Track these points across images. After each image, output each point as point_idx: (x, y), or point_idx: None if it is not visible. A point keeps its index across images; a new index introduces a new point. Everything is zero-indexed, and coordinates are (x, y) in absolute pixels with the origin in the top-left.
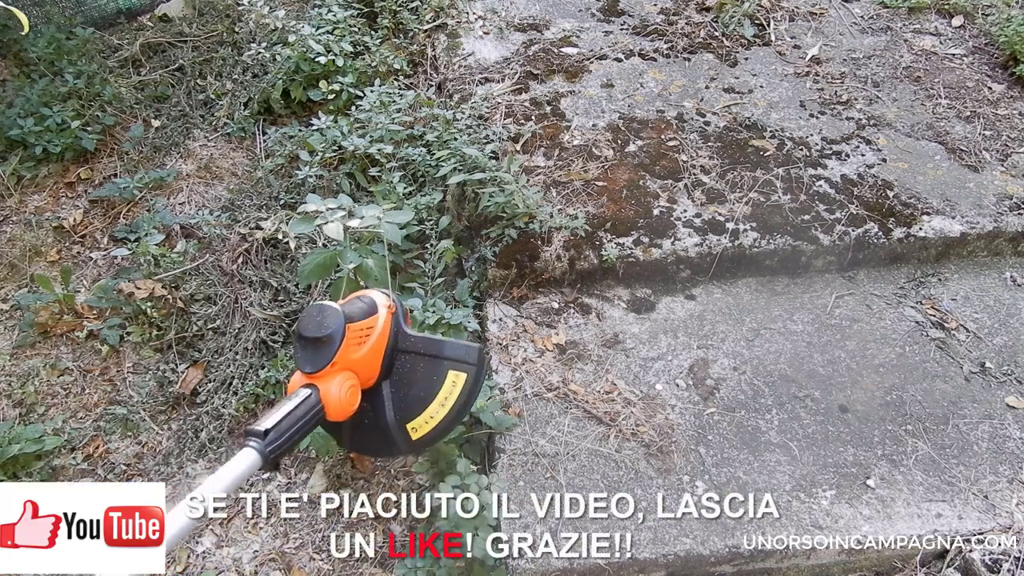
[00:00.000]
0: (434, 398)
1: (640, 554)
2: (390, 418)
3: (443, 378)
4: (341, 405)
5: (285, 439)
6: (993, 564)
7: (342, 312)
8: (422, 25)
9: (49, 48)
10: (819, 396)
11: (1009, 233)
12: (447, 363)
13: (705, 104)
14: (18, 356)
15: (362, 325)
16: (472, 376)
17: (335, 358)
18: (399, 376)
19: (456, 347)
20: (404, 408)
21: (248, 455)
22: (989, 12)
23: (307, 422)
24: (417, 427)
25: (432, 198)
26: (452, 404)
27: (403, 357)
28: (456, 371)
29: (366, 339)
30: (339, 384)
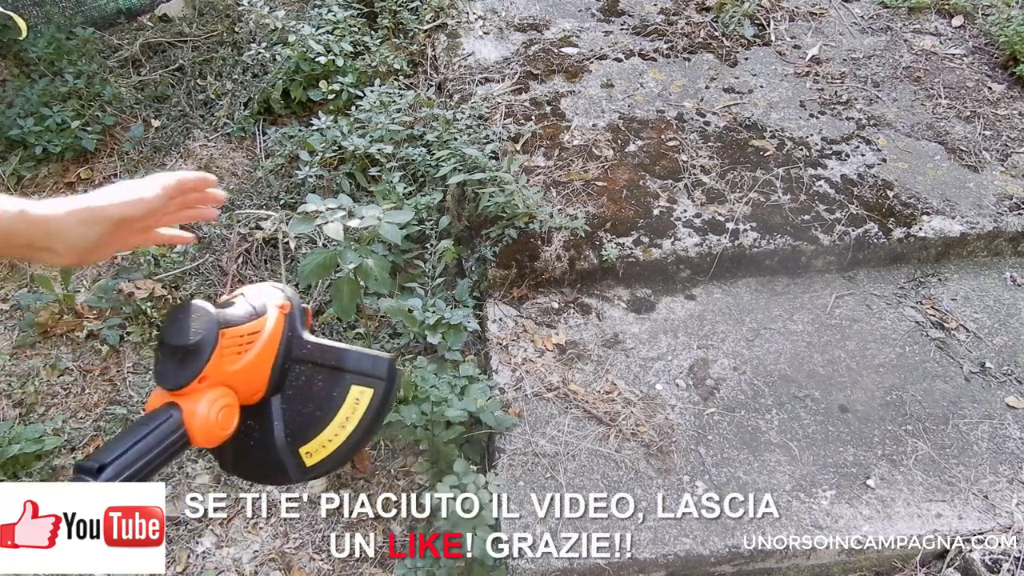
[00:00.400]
0: (333, 418)
1: (640, 554)
2: (279, 440)
3: (344, 394)
4: (210, 429)
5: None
6: (993, 564)
7: (214, 315)
8: (422, 25)
9: (49, 48)
10: (819, 396)
11: (1009, 233)
12: (350, 376)
13: (705, 104)
14: (18, 356)
15: (243, 330)
16: (380, 392)
17: (203, 371)
18: (293, 390)
19: (362, 357)
20: (297, 429)
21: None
22: (989, 12)
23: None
24: (312, 452)
25: (432, 198)
26: (354, 426)
27: (298, 368)
28: (360, 386)
29: (248, 347)
30: (208, 404)
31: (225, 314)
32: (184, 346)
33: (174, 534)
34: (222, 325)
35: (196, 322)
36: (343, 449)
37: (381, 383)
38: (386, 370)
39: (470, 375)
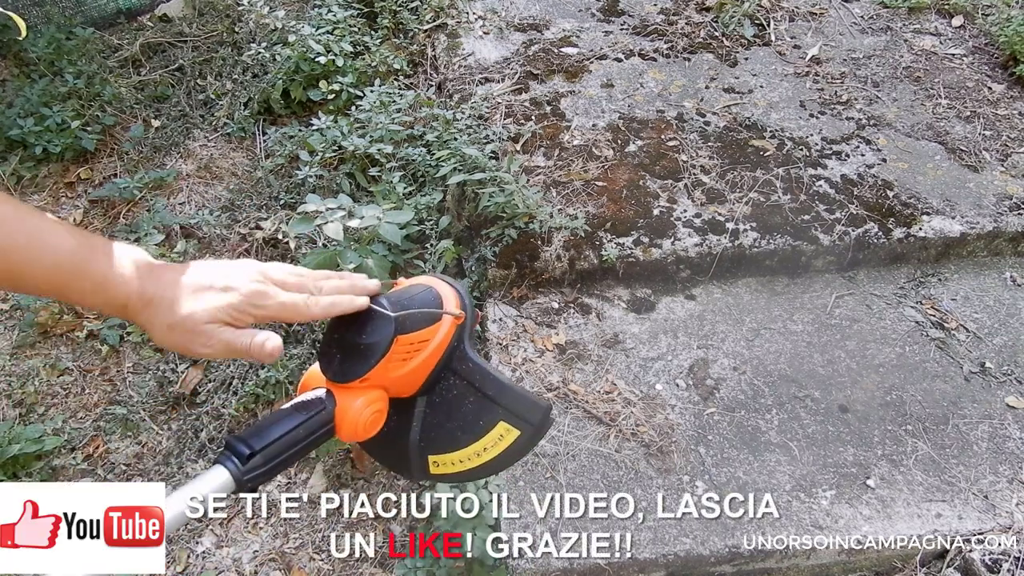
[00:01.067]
0: (472, 443)
1: (640, 554)
2: (412, 440)
3: (491, 426)
4: (356, 430)
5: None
6: (993, 564)
7: (394, 321)
8: (422, 25)
9: (49, 48)
10: (819, 396)
11: (1009, 233)
12: (502, 411)
13: (705, 104)
14: (18, 356)
15: (415, 338)
16: (526, 437)
17: (369, 373)
18: (440, 399)
19: (519, 399)
20: (433, 437)
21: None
22: (989, 12)
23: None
24: (440, 463)
25: (432, 198)
26: (490, 458)
27: (453, 379)
28: (509, 424)
29: (415, 355)
30: (363, 405)
31: (402, 320)
32: (358, 343)
33: (174, 534)
34: (398, 330)
35: (376, 322)
36: (471, 473)
37: (530, 428)
38: (540, 419)
39: None
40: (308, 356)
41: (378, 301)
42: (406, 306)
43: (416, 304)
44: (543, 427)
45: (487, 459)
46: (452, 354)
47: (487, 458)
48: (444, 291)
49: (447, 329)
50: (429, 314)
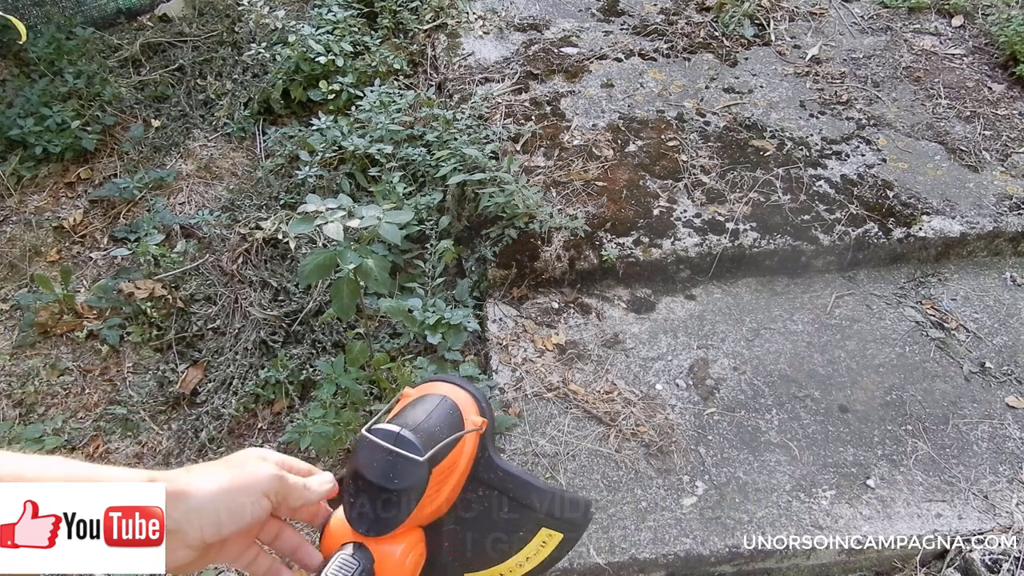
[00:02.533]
0: (513, 555)
1: (640, 554)
2: (444, 560)
3: (531, 535)
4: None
5: None
6: (993, 564)
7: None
8: (422, 25)
9: (49, 48)
10: (819, 396)
11: (1009, 233)
12: (543, 518)
13: (705, 104)
14: (18, 356)
15: (444, 465)
16: (570, 538)
17: (408, 520)
18: (469, 512)
19: (559, 500)
20: (467, 555)
21: None
22: (989, 12)
23: None
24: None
25: (432, 198)
26: (533, 567)
27: (481, 491)
28: (550, 529)
29: (446, 481)
30: (403, 555)
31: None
32: (390, 490)
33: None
34: (433, 463)
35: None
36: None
37: (572, 529)
38: (581, 516)
39: (470, 375)
40: (308, 355)
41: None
42: (430, 432)
43: (437, 425)
44: (585, 524)
45: (529, 568)
46: (478, 466)
47: (529, 567)
48: (460, 399)
49: (472, 443)
50: (450, 428)
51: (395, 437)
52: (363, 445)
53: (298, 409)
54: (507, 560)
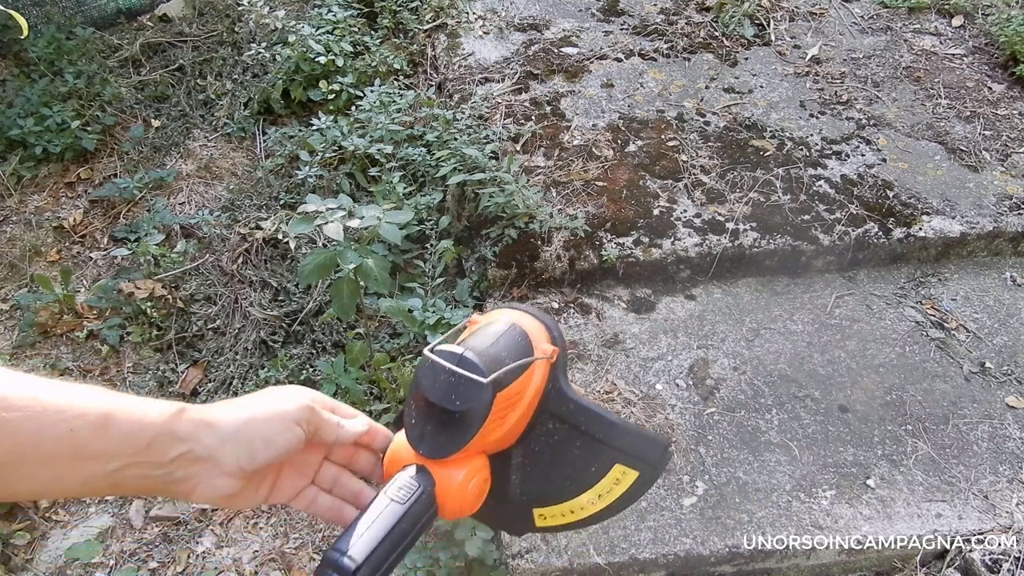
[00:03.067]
0: (586, 490)
1: (640, 554)
2: (512, 495)
3: (605, 470)
4: (463, 506)
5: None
6: (993, 564)
7: (489, 380)
8: (422, 25)
9: (49, 48)
10: (819, 396)
11: (1009, 233)
12: (617, 454)
13: (705, 104)
14: (18, 356)
15: (511, 391)
16: (646, 477)
17: (470, 443)
18: (540, 446)
19: (635, 439)
20: (537, 489)
21: None
22: (989, 12)
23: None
24: (547, 516)
25: (432, 198)
26: (606, 505)
27: (552, 424)
28: (625, 466)
29: (512, 408)
30: (466, 479)
31: (499, 376)
32: (452, 412)
33: (174, 534)
34: (496, 389)
35: (469, 386)
36: (583, 522)
37: (649, 468)
38: (658, 456)
39: None
40: (308, 355)
41: (468, 360)
42: (495, 357)
43: (503, 350)
44: (662, 464)
45: (603, 506)
46: (548, 397)
47: (602, 505)
48: (530, 326)
49: (542, 372)
50: (518, 354)
51: (458, 358)
52: (425, 366)
53: None
54: (579, 496)
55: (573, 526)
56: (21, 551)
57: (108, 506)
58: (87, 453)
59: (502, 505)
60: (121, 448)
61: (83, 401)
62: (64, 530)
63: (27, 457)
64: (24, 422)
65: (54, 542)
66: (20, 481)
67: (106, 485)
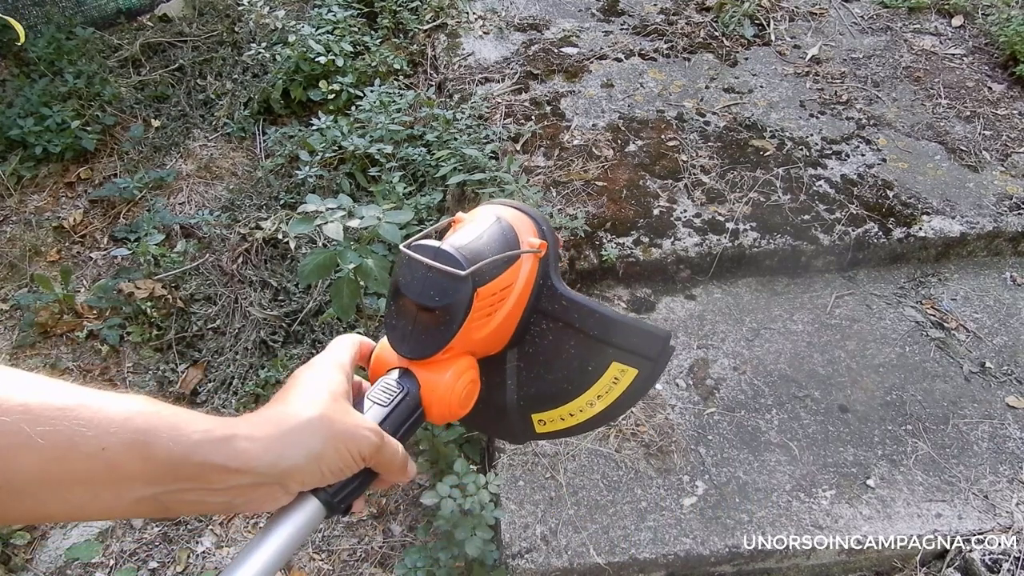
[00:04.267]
0: (583, 392)
1: (640, 554)
2: (510, 401)
3: (602, 369)
4: (451, 409)
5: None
6: (993, 564)
7: (471, 276)
8: (422, 25)
9: (49, 48)
10: (819, 396)
11: (1009, 233)
12: (613, 351)
13: (705, 104)
14: (18, 356)
15: (495, 287)
16: (645, 374)
17: (452, 342)
18: (534, 348)
19: (632, 332)
20: (534, 393)
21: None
22: (989, 12)
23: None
24: (546, 421)
25: (432, 198)
26: (605, 406)
27: (546, 324)
28: (623, 364)
29: (499, 305)
30: (452, 379)
31: (479, 268)
32: (431, 309)
33: (174, 534)
34: (476, 284)
35: (448, 279)
36: (584, 426)
37: (648, 364)
38: (659, 350)
39: None
40: (308, 355)
41: (445, 252)
42: (477, 251)
43: (486, 244)
44: (663, 359)
45: (601, 408)
46: (539, 294)
47: (601, 407)
48: (515, 220)
49: (530, 267)
50: (503, 246)
51: (434, 251)
52: (401, 262)
53: None
54: (576, 398)
55: (573, 430)
56: (21, 551)
57: None
58: (125, 475)
59: (500, 414)
60: (164, 475)
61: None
62: (64, 530)
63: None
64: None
65: (54, 542)
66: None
67: (157, 507)
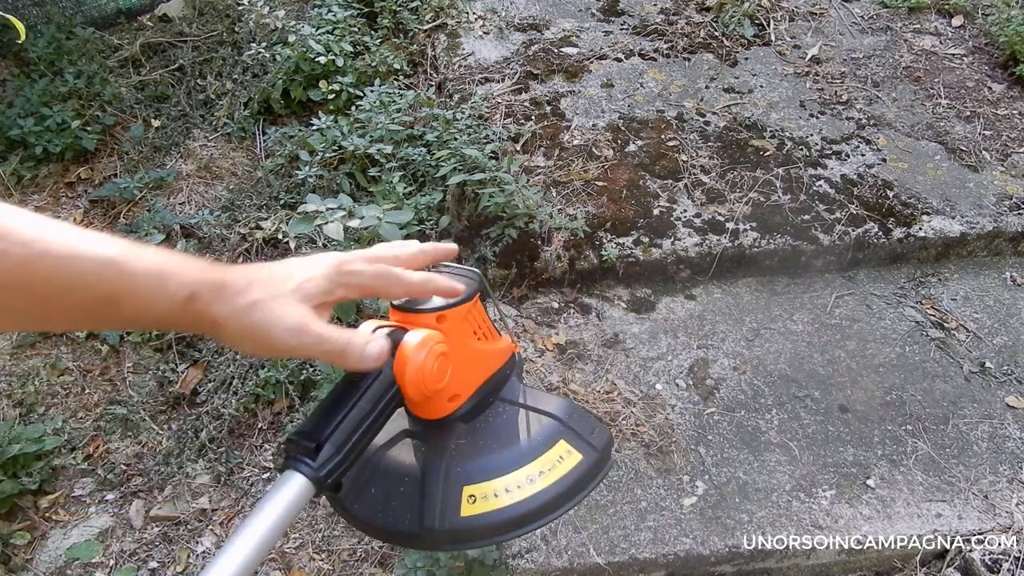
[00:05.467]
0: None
1: (640, 554)
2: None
3: (549, 443)
4: (425, 376)
5: (348, 450)
6: (993, 564)
7: (479, 280)
8: (422, 25)
9: (49, 48)
10: (819, 396)
11: (1009, 233)
12: (562, 427)
13: (705, 104)
14: (18, 356)
15: (487, 324)
16: (589, 464)
17: (446, 312)
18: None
19: (582, 415)
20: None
21: (294, 483)
22: (989, 12)
23: (379, 413)
24: (477, 497)
25: (432, 198)
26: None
27: (502, 406)
28: (571, 446)
29: (485, 340)
30: (419, 346)
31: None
32: (447, 265)
33: (174, 534)
34: (482, 295)
35: (465, 272)
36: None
37: (594, 454)
38: (604, 443)
39: None
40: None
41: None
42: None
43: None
44: (606, 458)
45: (540, 487)
46: (504, 382)
47: (540, 486)
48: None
49: (507, 346)
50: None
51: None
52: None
53: (298, 409)
54: (517, 471)
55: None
56: (21, 551)
57: (108, 506)
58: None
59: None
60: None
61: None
62: (64, 530)
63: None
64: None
65: (54, 542)
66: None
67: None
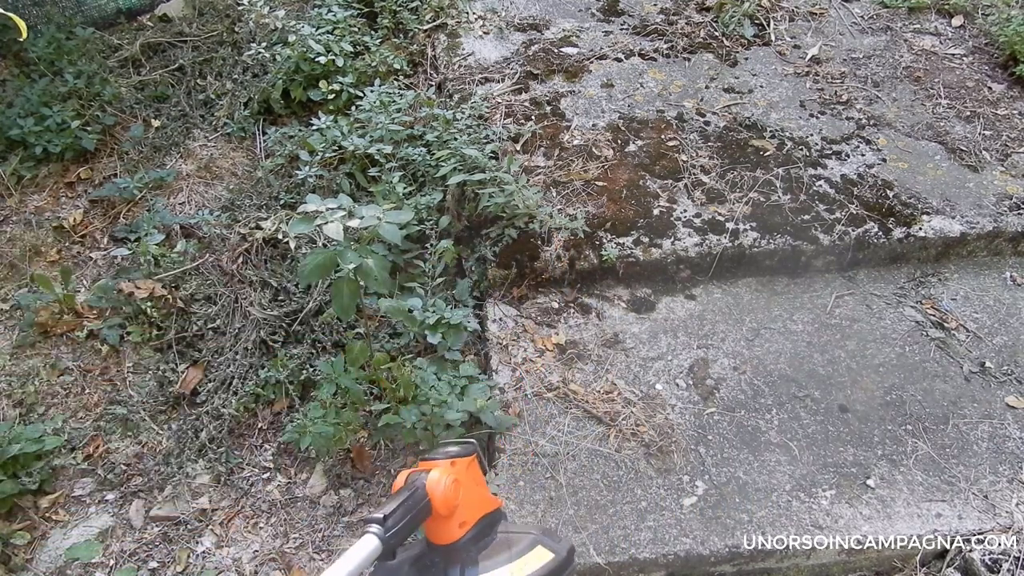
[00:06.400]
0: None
1: (640, 554)
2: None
3: (529, 548)
4: (445, 493)
5: (403, 524)
6: (993, 564)
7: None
8: (422, 25)
9: (49, 48)
10: (819, 396)
11: (1009, 233)
12: (538, 537)
13: (705, 104)
14: (18, 356)
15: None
16: (558, 562)
17: (455, 460)
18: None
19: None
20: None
21: (369, 542)
22: (989, 12)
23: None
24: None
25: (432, 198)
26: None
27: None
28: (545, 548)
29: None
30: (440, 473)
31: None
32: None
33: (174, 534)
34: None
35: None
36: None
37: (561, 557)
38: (568, 550)
39: (470, 375)
40: (308, 355)
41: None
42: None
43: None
44: (570, 560)
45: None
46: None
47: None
48: None
49: (497, 499)
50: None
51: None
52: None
53: (298, 409)
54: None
55: None
56: (21, 551)
57: (108, 506)
58: None
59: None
60: None
61: None
62: (64, 530)
63: None
64: None
65: (54, 542)
66: None
67: None
